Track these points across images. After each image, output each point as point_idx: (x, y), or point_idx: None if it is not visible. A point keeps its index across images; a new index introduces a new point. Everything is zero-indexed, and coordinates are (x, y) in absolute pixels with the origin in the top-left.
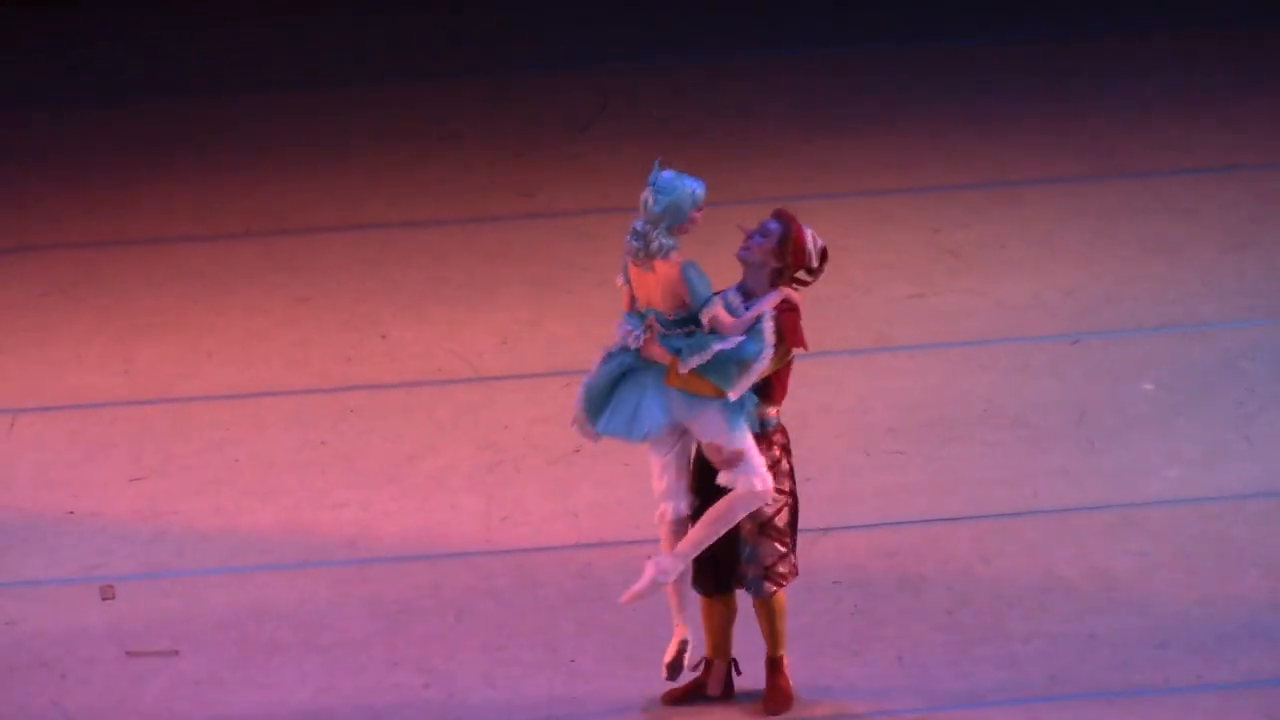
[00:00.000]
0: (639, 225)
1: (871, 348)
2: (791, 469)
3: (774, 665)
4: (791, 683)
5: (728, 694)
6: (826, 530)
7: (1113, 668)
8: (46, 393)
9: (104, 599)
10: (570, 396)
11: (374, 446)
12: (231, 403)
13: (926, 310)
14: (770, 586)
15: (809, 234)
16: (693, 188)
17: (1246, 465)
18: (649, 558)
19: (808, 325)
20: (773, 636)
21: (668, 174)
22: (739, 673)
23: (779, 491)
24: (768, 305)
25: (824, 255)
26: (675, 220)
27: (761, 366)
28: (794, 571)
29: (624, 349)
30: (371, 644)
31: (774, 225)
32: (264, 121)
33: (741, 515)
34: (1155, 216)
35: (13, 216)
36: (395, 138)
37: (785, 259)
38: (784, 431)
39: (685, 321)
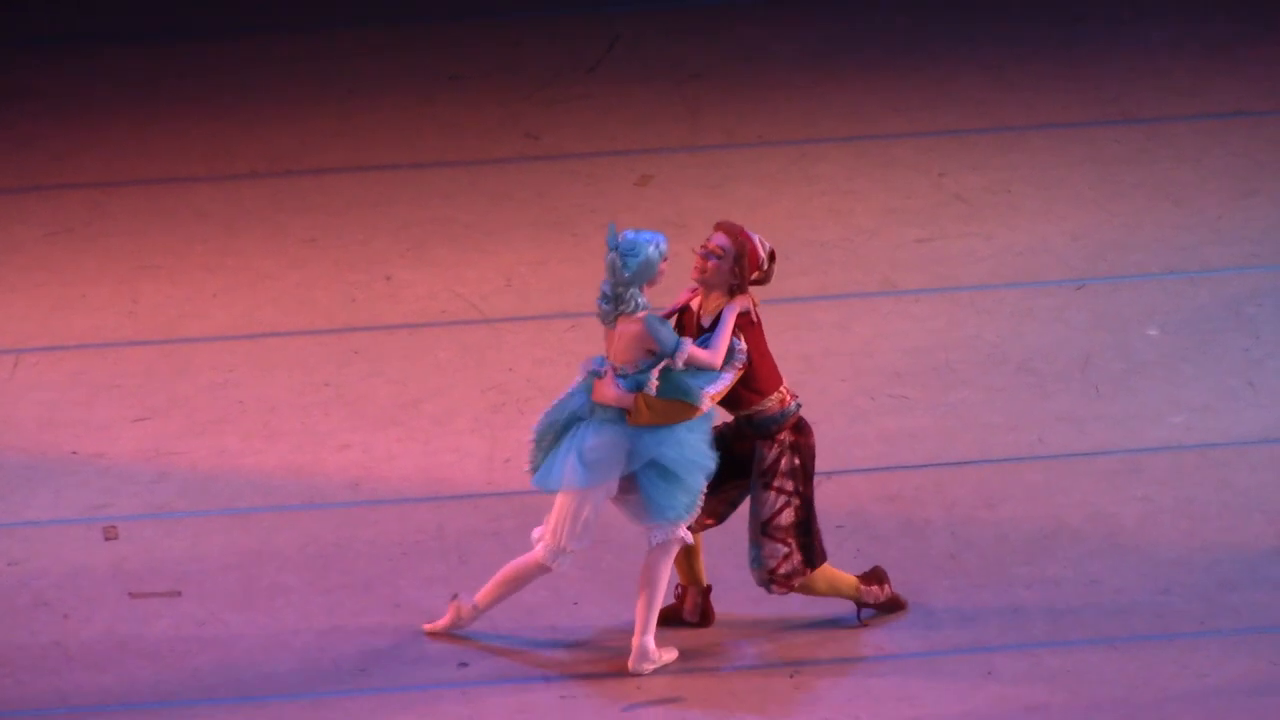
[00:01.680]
0: (607, 288)
1: (877, 292)
2: (802, 466)
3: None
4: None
5: (705, 621)
6: (830, 474)
7: (1115, 613)
8: (51, 333)
9: (107, 539)
10: (575, 339)
11: (378, 388)
12: (236, 344)
13: (932, 255)
14: (777, 589)
15: (757, 242)
16: (656, 242)
17: (1251, 411)
18: (454, 597)
19: (809, 272)
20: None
21: (628, 235)
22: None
23: (779, 491)
24: (731, 322)
25: (772, 257)
26: (646, 278)
27: (730, 379)
28: (802, 570)
29: (579, 392)
30: (375, 586)
31: (725, 243)
32: (272, 63)
33: (529, 579)
34: (1162, 162)
35: (20, 156)
36: (403, 80)
37: (742, 273)
38: (796, 428)
39: (649, 369)
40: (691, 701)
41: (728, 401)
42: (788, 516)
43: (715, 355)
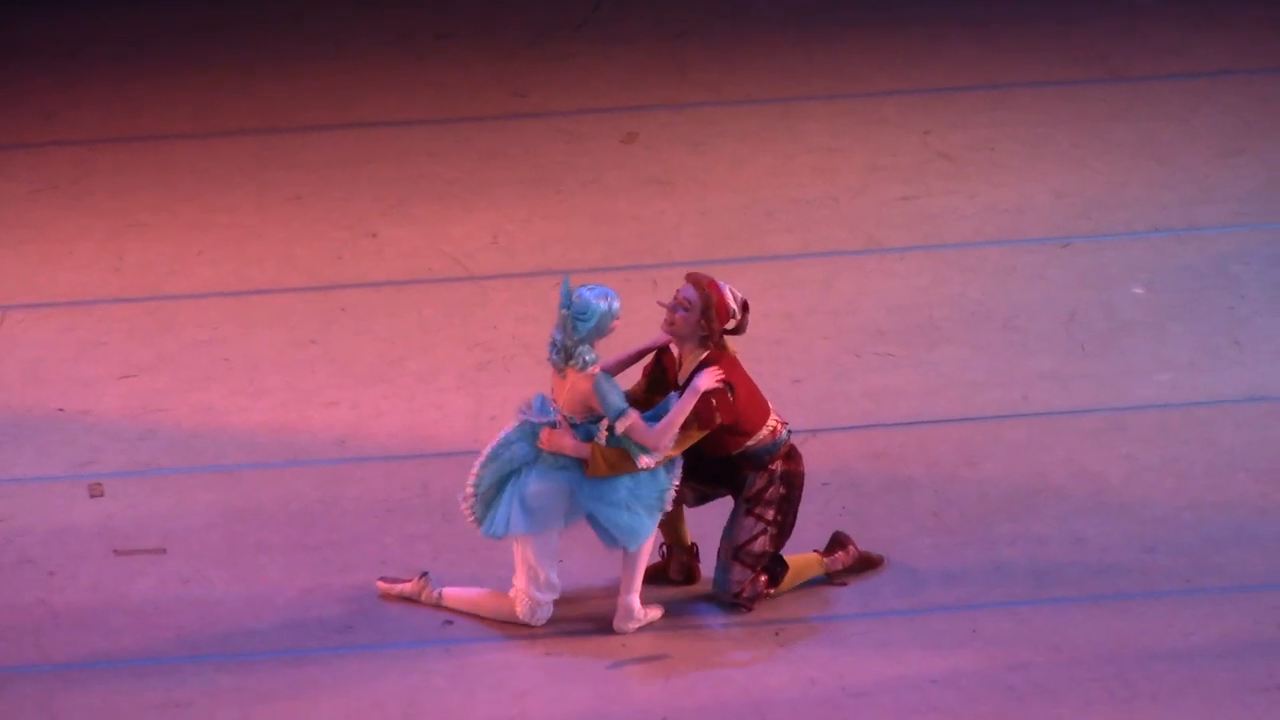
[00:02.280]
0: (559, 338)
1: (861, 249)
2: (788, 495)
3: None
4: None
5: (690, 579)
6: (815, 431)
7: (1100, 572)
8: (37, 290)
9: (92, 496)
10: (560, 297)
11: (363, 346)
12: (222, 301)
13: (917, 212)
14: (744, 609)
15: (727, 292)
16: (608, 305)
17: (1236, 370)
18: (424, 574)
19: (793, 230)
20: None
21: (582, 295)
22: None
23: (759, 519)
24: (688, 406)
25: (745, 307)
26: (598, 336)
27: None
28: (765, 590)
29: (518, 440)
30: (360, 543)
31: (692, 295)
32: (258, 20)
33: (502, 618)
34: (1147, 121)
35: (6, 113)
36: (390, 37)
37: (711, 325)
38: (787, 456)
39: (596, 421)
40: (676, 659)
41: (714, 447)
42: (761, 544)
43: (659, 437)
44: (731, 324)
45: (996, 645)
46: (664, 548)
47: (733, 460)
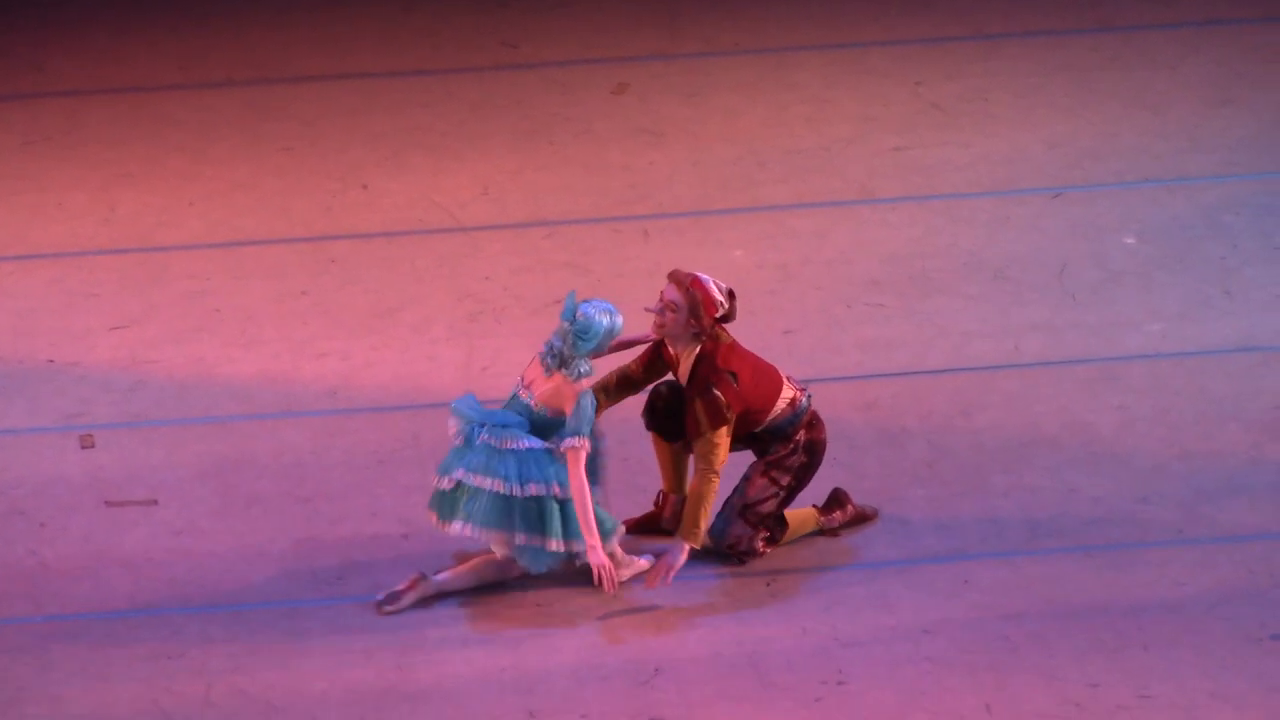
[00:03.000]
0: (557, 345)
1: (854, 200)
2: (808, 463)
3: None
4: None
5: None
6: (808, 382)
7: (1092, 522)
8: (27, 241)
9: (83, 448)
10: (552, 247)
11: (355, 297)
12: (213, 252)
13: (909, 163)
14: (736, 561)
15: (710, 286)
16: (610, 322)
17: (1227, 320)
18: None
19: (786, 180)
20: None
21: (586, 311)
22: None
23: (774, 482)
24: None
25: (730, 295)
26: (597, 352)
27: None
28: (764, 549)
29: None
30: (351, 494)
31: (676, 296)
32: None
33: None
34: (1138, 70)
35: None
36: None
37: (700, 321)
38: (810, 425)
39: (534, 417)
40: (667, 610)
41: (735, 428)
42: (769, 506)
43: (581, 492)
44: (721, 313)
45: (990, 595)
46: (659, 495)
47: (756, 435)
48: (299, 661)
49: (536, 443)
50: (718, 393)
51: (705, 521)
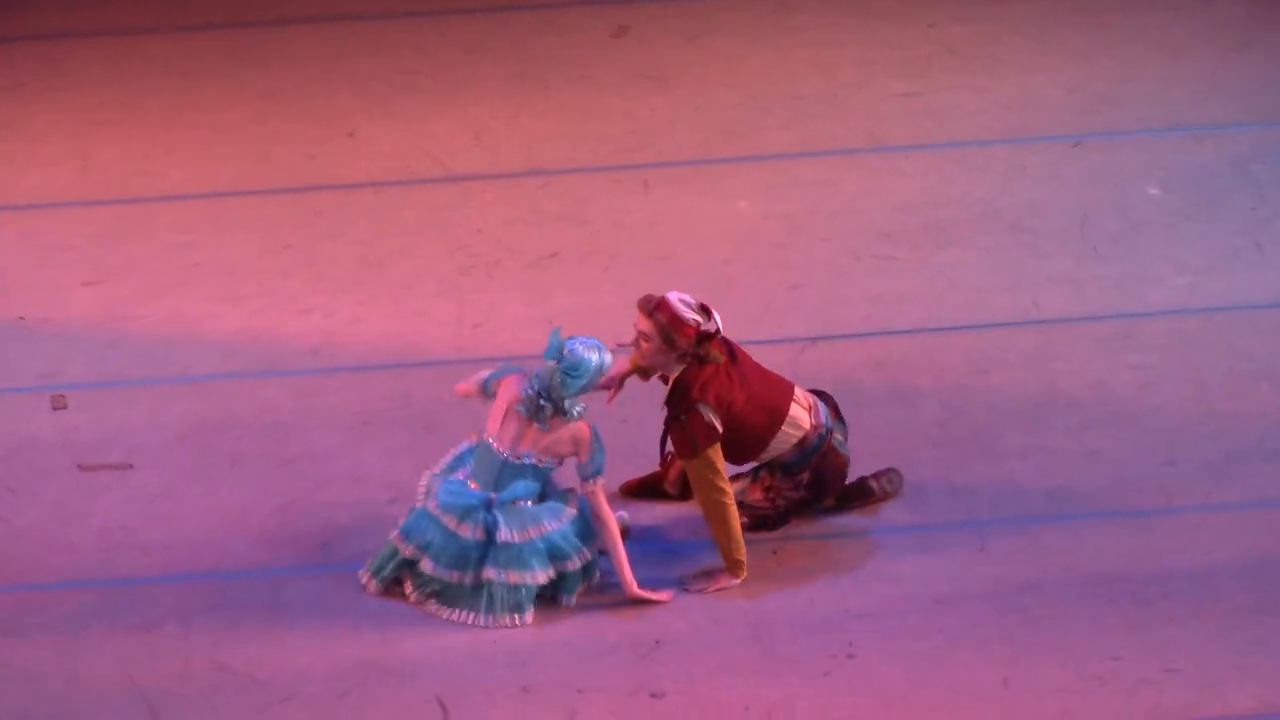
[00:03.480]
0: (543, 393)
1: (862, 148)
2: (804, 500)
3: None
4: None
5: (686, 495)
6: (816, 339)
7: (1115, 486)
8: None
9: (55, 409)
10: (548, 198)
11: (341, 250)
12: (193, 203)
13: (921, 109)
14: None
15: (677, 306)
16: (600, 359)
17: (1257, 274)
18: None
19: (791, 127)
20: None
21: (574, 349)
22: None
23: (770, 502)
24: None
25: (704, 310)
26: (585, 390)
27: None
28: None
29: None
30: (336, 457)
31: (645, 326)
32: None
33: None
34: (1159, 13)
35: None
36: None
37: (678, 345)
38: (824, 456)
39: (542, 473)
40: (667, 581)
41: (737, 457)
42: (766, 512)
43: (605, 525)
44: (699, 332)
45: (1006, 564)
46: (667, 455)
47: (759, 466)
48: (281, 634)
49: (553, 518)
50: (686, 428)
51: (741, 544)
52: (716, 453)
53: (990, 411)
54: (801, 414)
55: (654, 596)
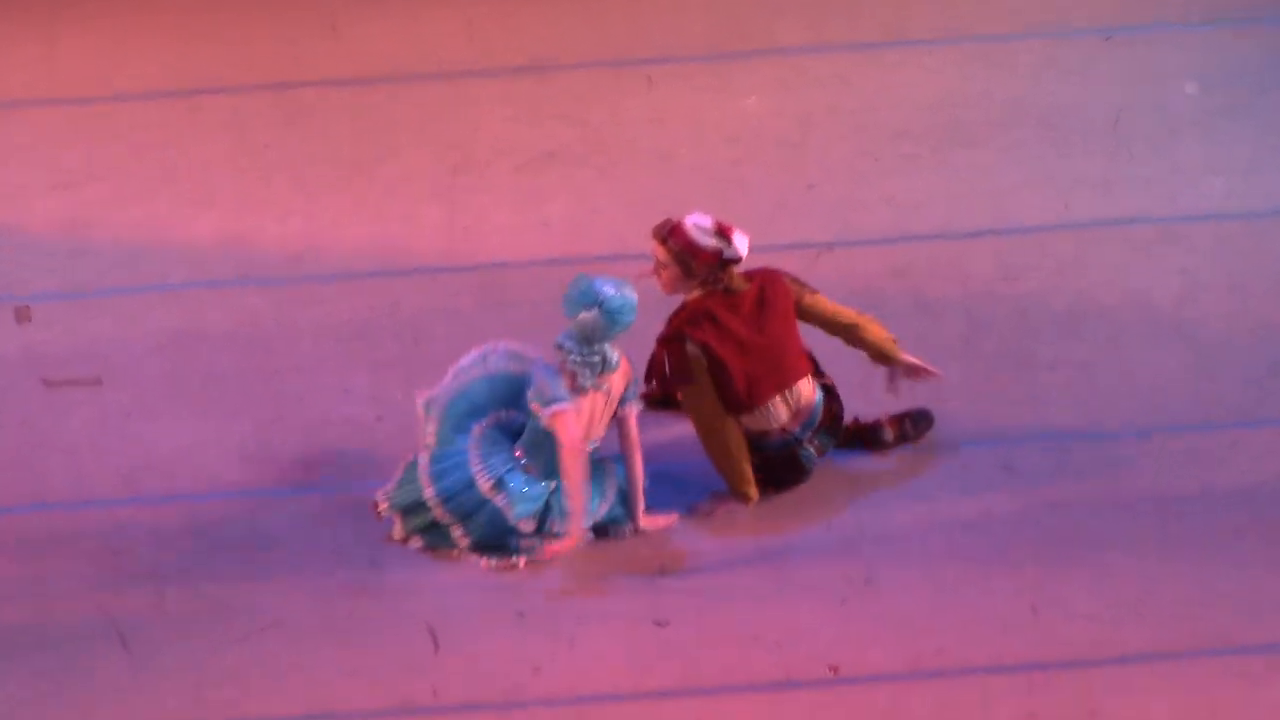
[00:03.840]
0: (585, 353)
1: (881, 41)
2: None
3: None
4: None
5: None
6: (832, 245)
7: (1151, 401)
8: None
9: (19, 322)
10: (544, 95)
11: (324, 150)
12: (165, 101)
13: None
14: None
15: (690, 231)
16: (633, 295)
17: None
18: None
19: (804, 20)
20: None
21: (607, 291)
22: None
23: None
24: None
25: (721, 232)
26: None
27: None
28: None
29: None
30: (320, 371)
31: (659, 253)
32: None
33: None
34: None
35: None
36: None
37: (695, 270)
38: (785, 459)
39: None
40: (677, 505)
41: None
42: None
43: (637, 442)
44: (714, 259)
45: (1035, 483)
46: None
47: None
48: (263, 558)
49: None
50: (667, 351)
51: (744, 474)
52: (696, 395)
53: (1019, 322)
54: (780, 411)
55: (658, 522)
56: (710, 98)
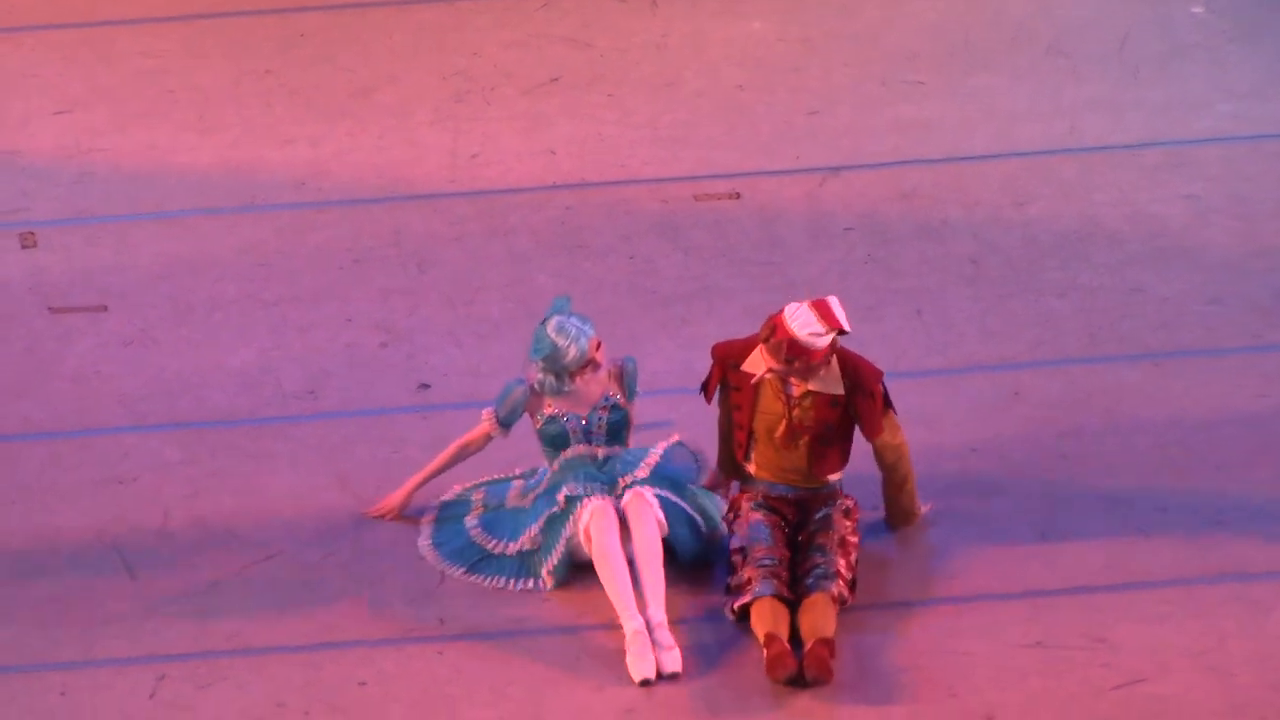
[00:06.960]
0: (557, 374)
1: None
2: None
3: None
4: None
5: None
6: (837, 170)
7: (1159, 326)
8: None
9: (23, 248)
10: (548, 18)
11: (326, 75)
12: (166, 26)
13: None
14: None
15: (792, 326)
16: (565, 345)
17: None
18: None
19: None
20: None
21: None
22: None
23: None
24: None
25: (826, 312)
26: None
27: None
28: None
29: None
30: (323, 298)
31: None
32: None
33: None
34: None
35: None
36: None
37: (785, 352)
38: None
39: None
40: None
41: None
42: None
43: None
44: (809, 351)
45: (1042, 408)
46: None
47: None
48: (264, 485)
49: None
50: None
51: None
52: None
53: (1026, 246)
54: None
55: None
56: (715, 21)
